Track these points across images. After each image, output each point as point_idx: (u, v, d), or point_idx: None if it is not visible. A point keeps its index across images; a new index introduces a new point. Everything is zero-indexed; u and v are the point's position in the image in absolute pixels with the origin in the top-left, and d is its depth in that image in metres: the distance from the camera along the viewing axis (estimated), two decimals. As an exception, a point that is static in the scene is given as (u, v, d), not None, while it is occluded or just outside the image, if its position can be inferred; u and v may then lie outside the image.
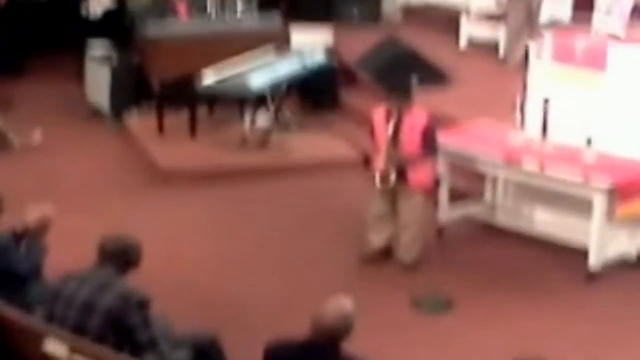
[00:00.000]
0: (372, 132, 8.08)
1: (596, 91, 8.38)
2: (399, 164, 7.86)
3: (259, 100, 10.64)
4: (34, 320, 5.58)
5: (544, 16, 12.13)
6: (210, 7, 12.14)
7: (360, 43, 12.39)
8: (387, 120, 7.92)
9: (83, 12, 12.54)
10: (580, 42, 8.55)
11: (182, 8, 11.99)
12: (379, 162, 7.91)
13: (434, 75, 11.53)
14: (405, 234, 8.05)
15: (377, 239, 8.14)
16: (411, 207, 7.99)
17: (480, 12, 13.00)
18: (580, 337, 7.05)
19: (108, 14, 12.64)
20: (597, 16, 9.76)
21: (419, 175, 7.96)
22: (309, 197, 9.47)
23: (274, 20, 11.72)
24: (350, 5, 14.14)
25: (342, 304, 5.06)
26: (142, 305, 5.46)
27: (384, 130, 7.93)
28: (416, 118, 7.94)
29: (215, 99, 11.18)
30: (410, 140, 7.87)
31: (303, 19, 12.71)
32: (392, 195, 8.04)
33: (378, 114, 8.05)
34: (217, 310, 7.25)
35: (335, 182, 9.54)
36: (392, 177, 7.83)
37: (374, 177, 7.95)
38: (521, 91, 8.85)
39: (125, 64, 11.70)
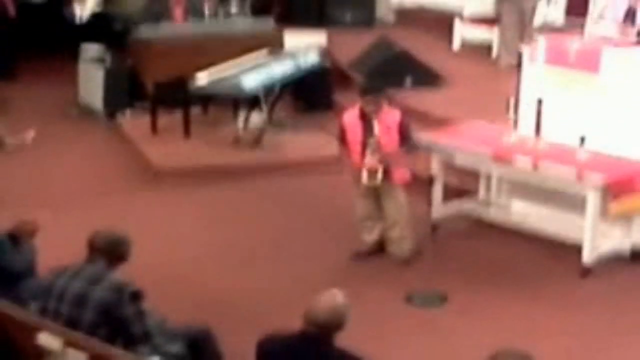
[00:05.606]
0: (342, 135, 8.06)
1: (589, 93, 8.38)
2: (383, 163, 7.88)
3: (253, 100, 10.65)
4: (27, 314, 5.56)
5: (537, 20, 12.15)
6: (205, 10, 12.16)
7: (353, 46, 12.41)
8: (362, 121, 7.92)
9: (67, 16, 12.52)
10: (574, 45, 8.55)
11: (178, 12, 12.01)
12: (363, 160, 7.89)
13: (427, 77, 11.56)
14: (394, 231, 8.07)
15: (369, 237, 8.18)
16: (395, 202, 8.03)
17: (474, 15, 13.02)
18: (573, 331, 7.06)
19: (97, 18, 12.64)
20: (590, 20, 9.80)
21: (400, 171, 7.99)
22: (301, 195, 9.49)
23: (268, 23, 11.74)
24: (343, 9, 14.12)
25: (334, 296, 5.04)
26: (135, 297, 5.45)
27: (358, 131, 7.91)
28: (390, 117, 7.95)
29: (209, 99, 11.19)
30: (388, 139, 7.88)
31: (296, 23, 12.74)
32: (375, 194, 8.06)
33: (349, 117, 8.04)
34: (210, 306, 7.24)
35: (328, 181, 9.53)
36: (380, 173, 7.84)
37: (358, 176, 7.94)
38: (515, 93, 8.86)
39: (119, 65, 11.71)
